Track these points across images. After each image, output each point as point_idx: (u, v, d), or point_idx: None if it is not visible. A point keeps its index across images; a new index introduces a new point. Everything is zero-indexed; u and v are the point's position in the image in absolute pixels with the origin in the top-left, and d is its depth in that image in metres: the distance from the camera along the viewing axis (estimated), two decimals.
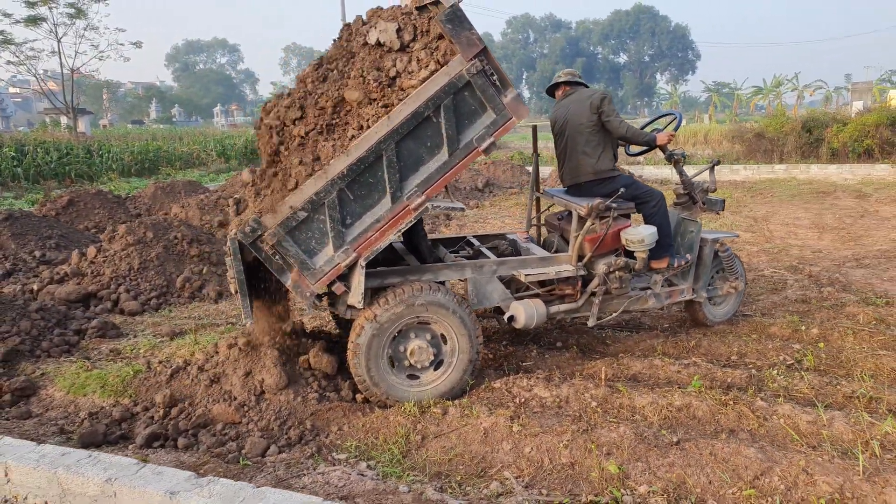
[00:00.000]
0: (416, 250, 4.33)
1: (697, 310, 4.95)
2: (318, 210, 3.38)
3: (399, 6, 3.60)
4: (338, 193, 3.36)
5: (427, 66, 3.35)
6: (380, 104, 3.39)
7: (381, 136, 3.31)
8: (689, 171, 4.87)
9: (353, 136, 3.34)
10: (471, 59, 3.34)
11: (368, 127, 3.35)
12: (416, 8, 3.43)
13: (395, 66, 3.37)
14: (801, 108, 36.70)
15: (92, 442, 3.31)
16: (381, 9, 3.64)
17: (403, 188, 3.46)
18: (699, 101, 75.67)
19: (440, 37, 3.40)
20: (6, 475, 2.68)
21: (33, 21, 26.87)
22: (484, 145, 3.51)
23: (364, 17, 3.63)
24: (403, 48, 3.43)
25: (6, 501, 2.70)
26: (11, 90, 66.42)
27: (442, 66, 3.34)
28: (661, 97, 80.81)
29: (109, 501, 2.51)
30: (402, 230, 3.53)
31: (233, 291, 3.55)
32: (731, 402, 3.55)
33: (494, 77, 3.44)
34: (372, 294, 3.70)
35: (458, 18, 3.29)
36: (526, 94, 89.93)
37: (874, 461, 2.97)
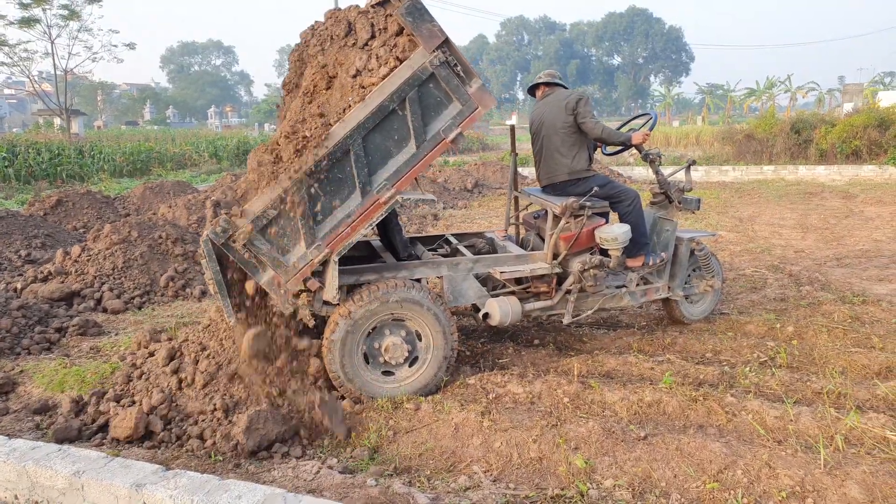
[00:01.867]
0: (391, 244, 4.36)
1: (674, 308, 5.00)
2: (288, 207, 3.41)
3: (356, 6, 3.64)
4: (307, 190, 3.39)
5: (387, 62, 3.39)
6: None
7: (347, 132, 3.33)
8: (667, 170, 4.91)
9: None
10: (433, 51, 3.34)
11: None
12: (374, 4, 3.46)
13: (354, 64, 3.42)
14: (793, 110, 36.90)
15: (66, 437, 3.33)
16: (339, 10, 3.68)
17: (373, 182, 3.48)
18: (693, 102, 75.92)
19: (399, 33, 3.44)
20: None
21: (27, 22, 26.84)
22: (451, 136, 3.52)
23: (322, 20, 3.68)
24: (362, 46, 3.47)
25: None
26: (6, 91, 66.30)
27: (402, 63, 3.37)
28: (654, 99, 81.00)
29: (77, 495, 2.54)
30: (374, 224, 3.56)
31: (212, 292, 3.56)
32: (701, 398, 3.60)
33: (458, 68, 3.44)
34: (348, 291, 3.74)
35: (418, 11, 3.30)
36: (520, 96, 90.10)
37: (836, 455, 3.02)
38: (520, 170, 14.91)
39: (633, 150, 4.92)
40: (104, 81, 63.25)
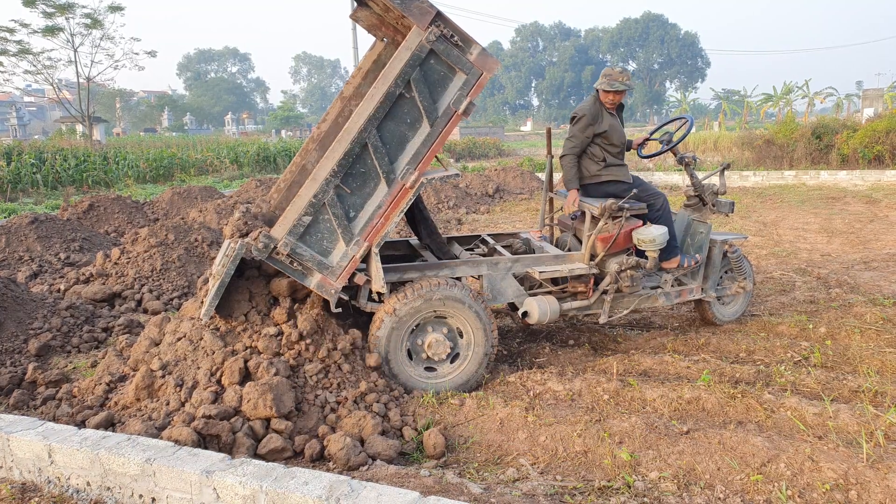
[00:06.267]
0: (416, 229, 4.47)
1: (707, 309, 5.06)
2: (320, 211, 3.49)
3: None
4: (335, 191, 3.46)
5: None
6: None
7: (360, 126, 3.40)
8: (700, 174, 4.98)
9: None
10: (427, 27, 3.37)
11: None
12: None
13: None
14: (811, 116, 36.65)
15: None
16: None
17: (395, 169, 3.54)
18: (709, 108, 75.59)
19: None
20: (50, 457, 2.84)
21: (51, 31, 27.40)
22: (462, 107, 3.55)
23: None
24: None
25: (50, 482, 2.86)
26: (26, 99, 67.45)
27: None
28: (670, 105, 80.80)
29: (149, 480, 2.65)
30: (404, 211, 3.63)
31: (210, 286, 3.58)
32: (739, 396, 3.66)
33: (455, 38, 3.45)
34: (391, 289, 3.84)
35: None
36: (535, 102, 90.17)
37: (878, 450, 3.07)
38: (540, 174, 15.10)
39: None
40: (122, 89, 64.21)
